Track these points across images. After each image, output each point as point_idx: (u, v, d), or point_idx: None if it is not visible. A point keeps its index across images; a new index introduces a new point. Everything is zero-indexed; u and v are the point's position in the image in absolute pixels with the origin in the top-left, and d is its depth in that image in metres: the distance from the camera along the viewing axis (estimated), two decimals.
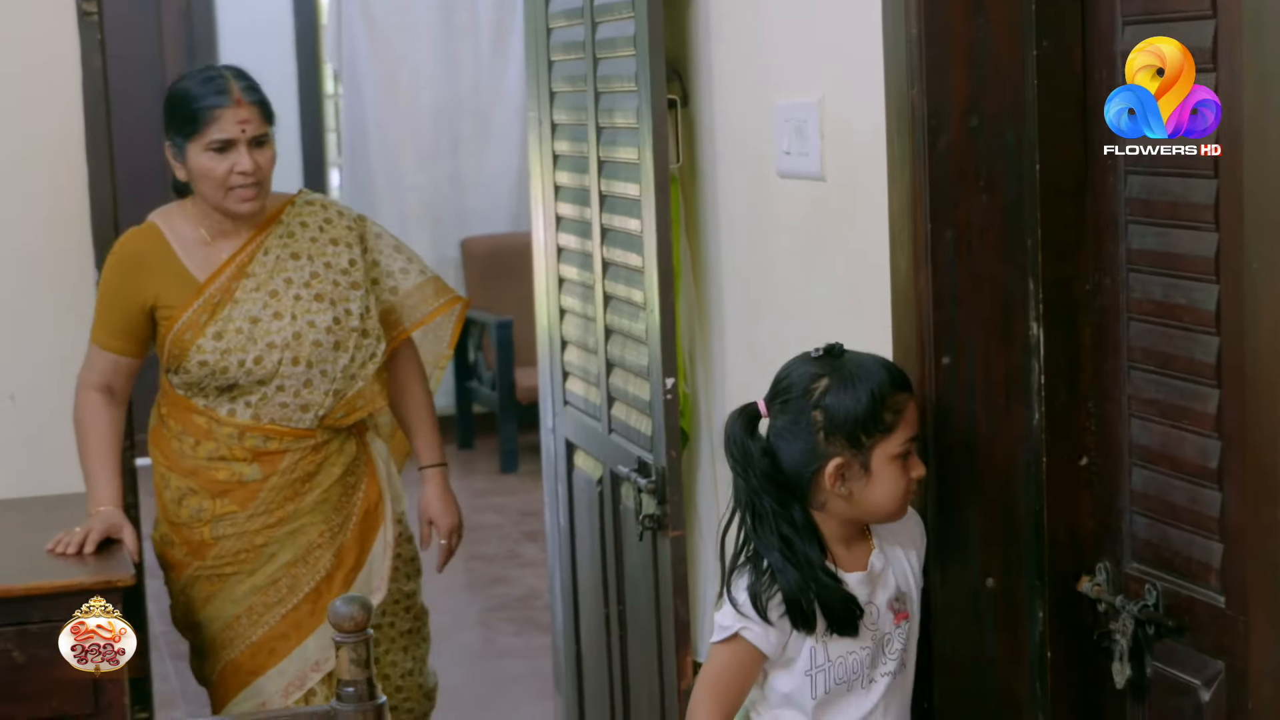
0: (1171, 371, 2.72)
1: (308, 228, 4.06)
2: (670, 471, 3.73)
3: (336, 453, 4.06)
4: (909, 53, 2.92)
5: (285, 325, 3.94)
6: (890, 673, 2.92)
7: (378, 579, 4.11)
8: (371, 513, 4.13)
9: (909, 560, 2.94)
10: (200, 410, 3.97)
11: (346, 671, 2.53)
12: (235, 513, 4.00)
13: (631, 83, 3.77)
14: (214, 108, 3.87)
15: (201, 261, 3.97)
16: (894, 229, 3.01)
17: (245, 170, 3.87)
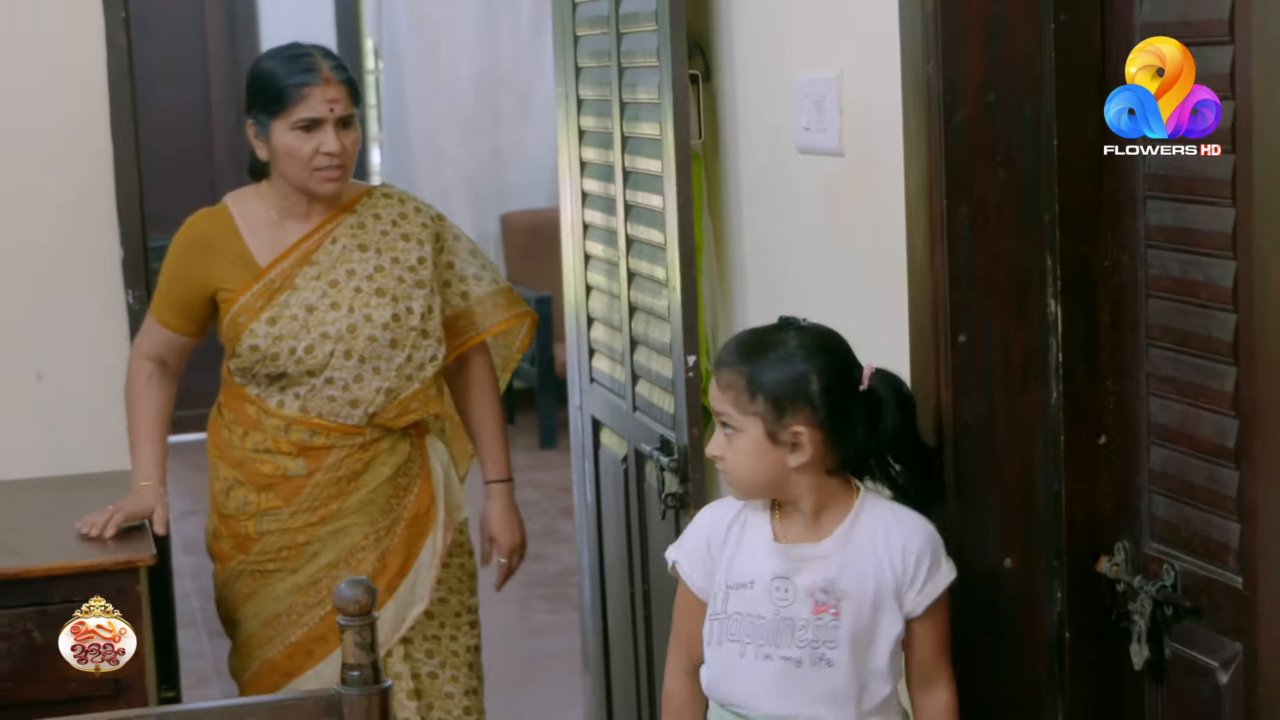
0: (1189, 349, 2.69)
1: (380, 220, 3.94)
2: (692, 449, 3.72)
3: (387, 453, 3.92)
4: (925, 27, 2.89)
5: (341, 317, 3.83)
6: (793, 659, 2.84)
7: (422, 588, 3.96)
8: (421, 518, 3.97)
9: (884, 567, 2.83)
10: (251, 400, 3.88)
11: (351, 655, 2.51)
12: (280, 508, 3.89)
13: (654, 58, 3.75)
14: (302, 85, 3.78)
15: (267, 244, 3.88)
16: (910, 205, 2.98)
17: (332, 151, 3.77)
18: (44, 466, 4.36)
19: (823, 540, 2.86)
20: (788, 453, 2.83)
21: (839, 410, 2.82)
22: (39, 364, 4.37)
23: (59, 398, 4.38)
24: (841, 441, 2.84)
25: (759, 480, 2.86)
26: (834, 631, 2.83)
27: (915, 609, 2.84)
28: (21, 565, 3.64)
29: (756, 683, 2.88)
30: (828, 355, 2.84)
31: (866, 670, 2.84)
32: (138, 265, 4.36)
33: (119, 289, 4.37)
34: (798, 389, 2.81)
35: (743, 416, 2.84)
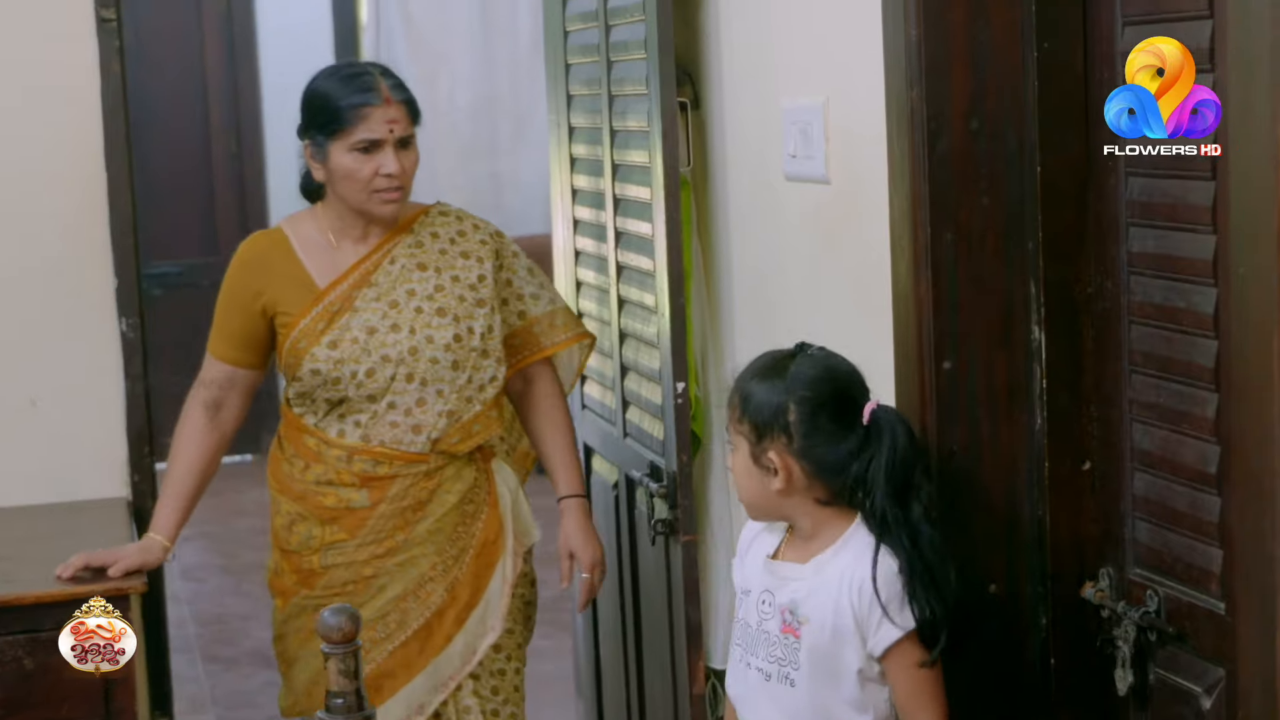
0: (1171, 375, 2.70)
1: (438, 239, 3.79)
2: (681, 476, 3.73)
3: (452, 479, 3.77)
4: (909, 54, 2.90)
5: (402, 339, 3.69)
6: (763, 671, 2.88)
7: (494, 618, 3.80)
8: (490, 546, 3.81)
9: (845, 602, 2.81)
10: (310, 431, 3.74)
11: (335, 683, 2.51)
12: (344, 541, 3.74)
13: (643, 86, 3.76)
14: (361, 106, 3.64)
15: (325, 266, 3.75)
16: (894, 232, 2.99)
17: (391, 172, 3.64)
18: (37, 494, 4.35)
19: (806, 563, 2.87)
20: (769, 476, 2.85)
21: (816, 443, 2.82)
22: (33, 391, 4.36)
23: (53, 425, 4.37)
24: (824, 474, 2.84)
25: (752, 498, 2.91)
26: (795, 653, 2.85)
27: (875, 649, 2.80)
28: (13, 592, 3.63)
29: (744, 688, 2.96)
30: (818, 387, 2.83)
31: (831, 698, 2.83)
32: (131, 293, 4.36)
33: (113, 317, 4.36)
34: (775, 417, 2.83)
35: (735, 435, 2.91)
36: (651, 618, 4.04)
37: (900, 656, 2.80)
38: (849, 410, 2.83)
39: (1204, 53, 2.55)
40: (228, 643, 6.88)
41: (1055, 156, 2.88)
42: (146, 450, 4.40)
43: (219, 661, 6.65)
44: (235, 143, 9.85)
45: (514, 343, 3.85)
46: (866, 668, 2.81)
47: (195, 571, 7.83)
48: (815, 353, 2.90)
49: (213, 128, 9.81)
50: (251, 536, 8.33)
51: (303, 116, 3.75)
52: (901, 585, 2.78)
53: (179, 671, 5.61)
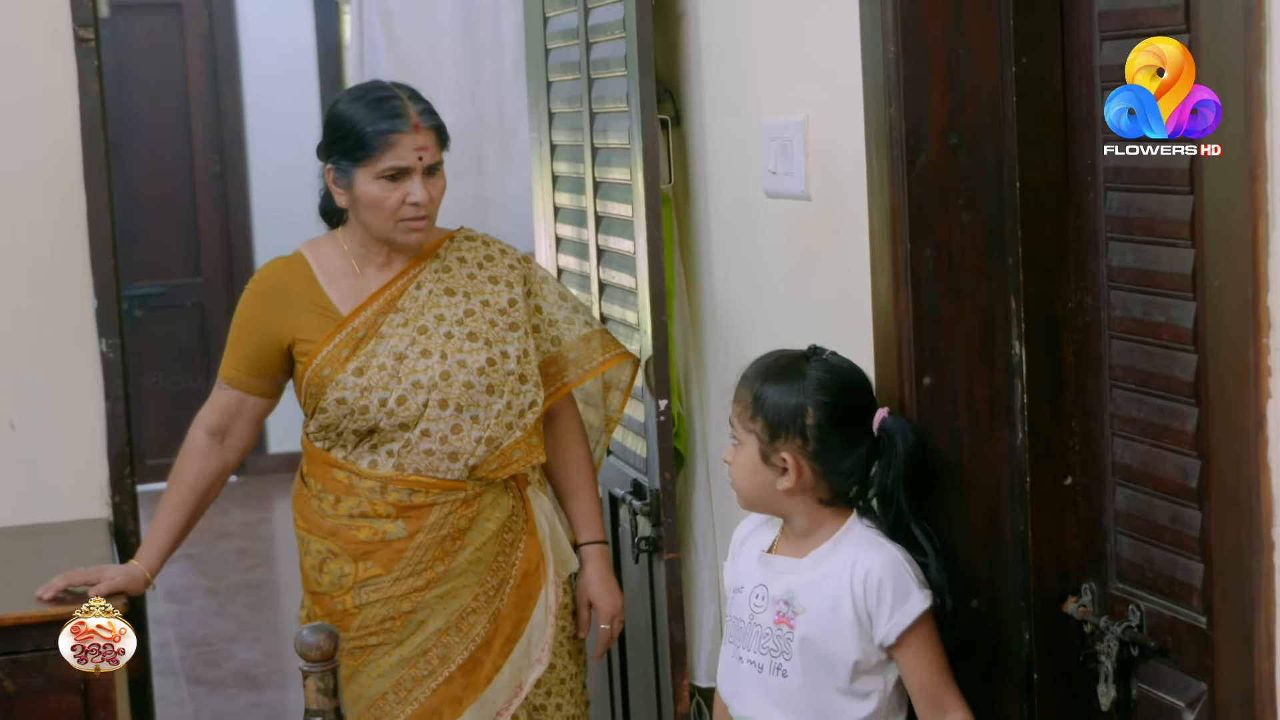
0: (1151, 389, 2.70)
1: (465, 264, 3.67)
2: (665, 494, 3.73)
3: (491, 507, 3.62)
4: (887, 71, 2.90)
5: (433, 364, 3.56)
6: (755, 663, 2.94)
7: (538, 649, 3.65)
8: (532, 575, 3.66)
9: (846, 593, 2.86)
10: (340, 464, 3.60)
11: (314, 701, 2.52)
12: (379, 576, 3.58)
13: (624, 103, 3.77)
14: (389, 133, 3.50)
15: (347, 294, 3.62)
16: (874, 248, 2.99)
17: (419, 201, 3.51)
18: (17, 515, 4.35)
19: (803, 558, 2.93)
20: (778, 475, 2.90)
21: (830, 447, 2.88)
22: (12, 413, 4.35)
23: (33, 446, 4.36)
24: (833, 476, 2.90)
25: (751, 493, 2.96)
26: (788, 643, 2.89)
27: (888, 637, 2.84)
28: None
29: (735, 683, 2.99)
30: (834, 393, 2.90)
31: (825, 688, 2.86)
32: (111, 314, 4.35)
33: (93, 338, 4.35)
34: (792, 419, 2.89)
35: (744, 432, 2.95)
36: (635, 635, 4.04)
37: (917, 639, 2.85)
38: (862, 417, 2.91)
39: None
40: (212, 664, 6.86)
41: (1034, 172, 2.88)
42: (127, 471, 4.39)
43: (203, 684, 6.63)
44: (219, 162, 9.84)
45: (547, 372, 3.71)
46: (864, 659, 2.85)
47: (179, 593, 7.81)
48: (829, 357, 2.95)
49: (195, 147, 9.81)
50: (236, 559, 8.34)
51: (326, 139, 3.62)
52: (911, 570, 2.86)
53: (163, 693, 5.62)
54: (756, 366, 3.00)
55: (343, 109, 3.58)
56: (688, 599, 3.90)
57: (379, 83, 3.65)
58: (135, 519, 4.40)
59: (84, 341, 4.35)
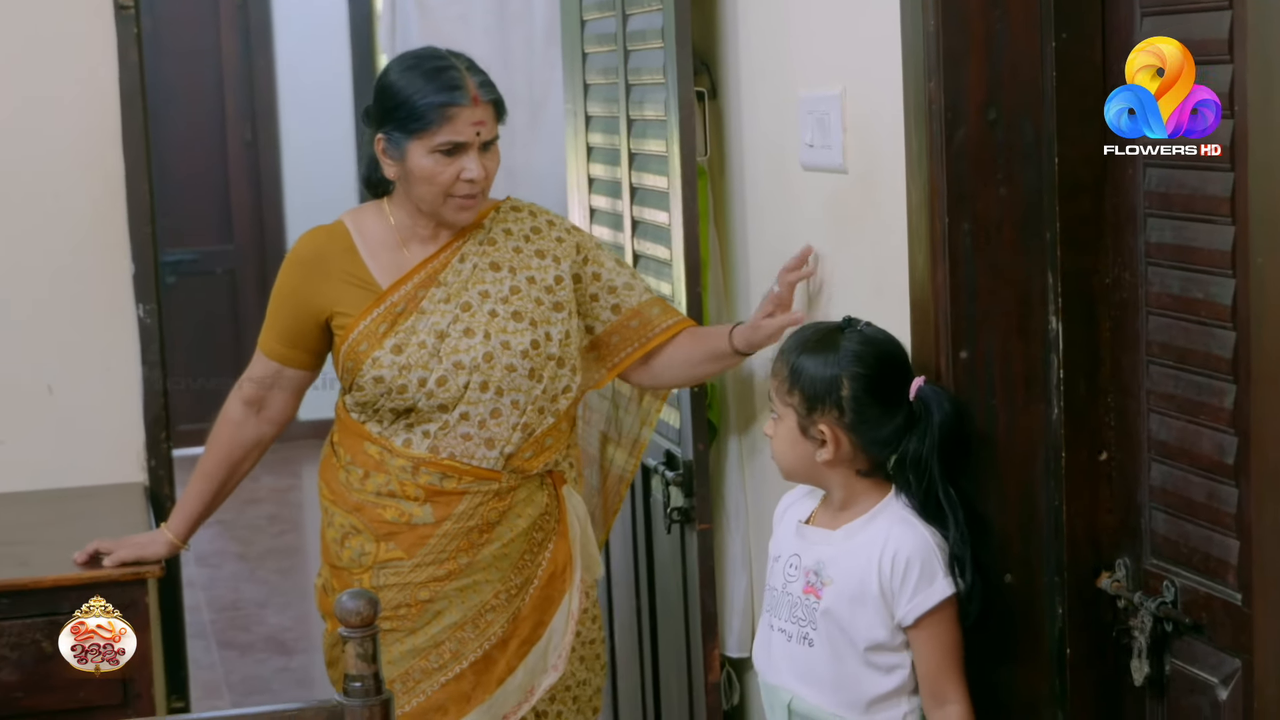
0: (1189, 366, 2.70)
1: (511, 236, 3.55)
2: (698, 465, 3.73)
3: (524, 503, 3.52)
4: (926, 45, 2.90)
5: (476, 344, 3.44)
6: (785, 632, 2.96)
7: (554, 656, 3.56)
8: (557, 577, 3.57)
9: (873, 569, 2.87)
10: (373, 439, 3.50)
11: (353, 666, 2.52)
12: (400, 560, 3.49)
13: (660, 75, 3.76)
14: (447, 105, 3.37)
15: (388, 266, 3.51)
16: (912, 222, 2.99)
17: (474, 178, 3.39)
18: (54, 479, 4.38)
19: (837, 529, 2.95)
20: (817, 447, 2.93)
21: (867, 418, 2.91)
22: (50, 377, 4.38)
23: (69, 411, 4.39)
24: (871, 447, 2.92)
25: (792, 465, 2.99)
26: (814, 613, 2.91)
27: (906, 618, 2.85)
28: (31, 576, 3.65)
29: (767, 651, 3.03)
30: (869, 364, 2.92)
31: (847, 661, 2.89)
32: (149, 280, 4.37)
33: (130, 304, 4.38)
34: (829, 391, 2.91)
35: (782, 405, 2.97)
36: (666, 606, 4.05)
37: (933, 625, 2.86)
38: (899, 387, 2.93)
39: (1223, 44, 2.54)
40: (242, 629, 6.90)
41: (1073, 147, 2.87)
42: (163, 436, 4.42)
43: (234, 648, 6.67)
44: (250, 130, 9.85)
45: (612, 340, 3.62)
46: (888, 639, 2.86)
47: (210, 558, 7.85)
48: (865, 328, 2.98)
49: (228, 115, 9.82)
50: (267, 524, 8.37)
51: (378, 108, 3.48)
52: (941, 556, 2.86)
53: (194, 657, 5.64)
54: (793, 339, 3.02)
55: (397, 78, 3.45)
56: (719, 570, 3.90)
57: (435, 51, 3.49)
58: (171, 483, 4.42)
59: (121, 307, 4.38)
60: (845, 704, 2.90)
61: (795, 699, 2.95)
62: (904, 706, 2.90)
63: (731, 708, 4.01)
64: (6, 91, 4.31)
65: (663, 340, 3.61)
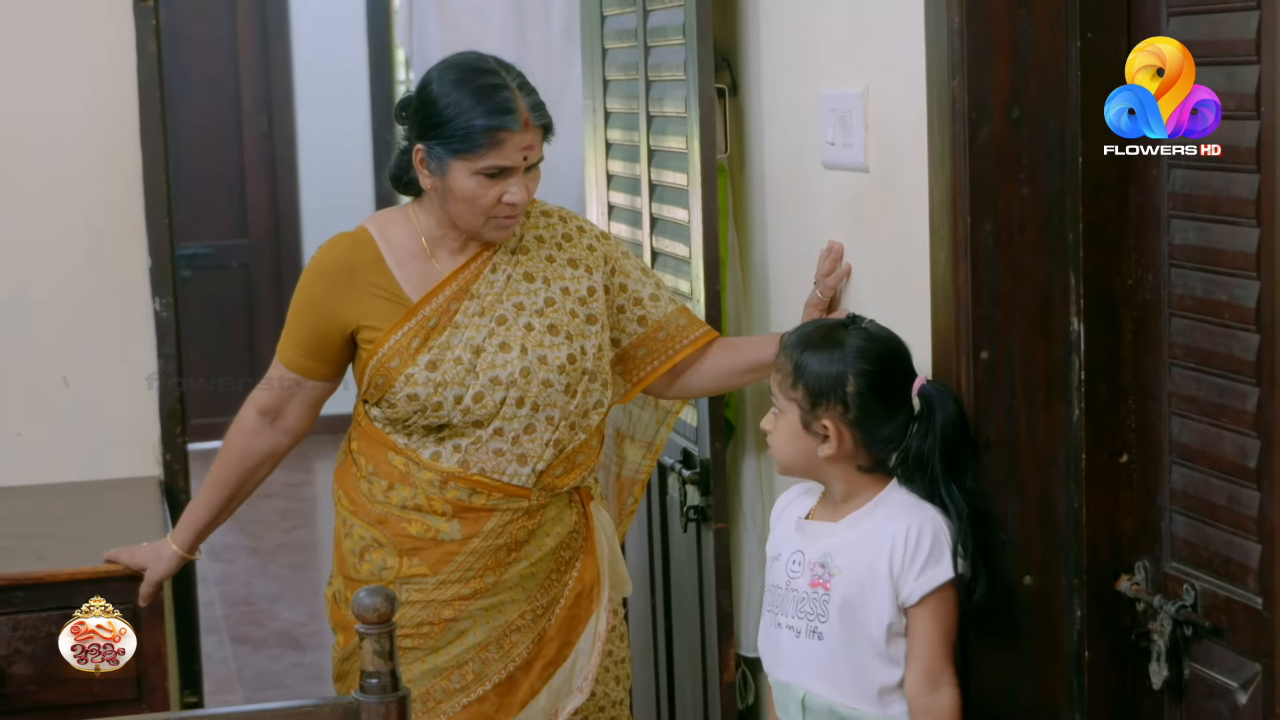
0: (1211, 368, 2.68)
1: (544, 244, 3.44)
2: (714, 463, 3.72)
3: (553, 521, 3.42)
4: (951, 42, 2.88)
5: (513, 359, 3.33)
6: (793, 628, 2.96)
7: (580, 679, 3.47)
8: (585, 597, 3.47)
9: (883, 550, 2.88)
10: (399, 449, 3.38)
11: (370, 663, 2.51)
12: (424, 576, 3.38)
13: (681, 71, 3.75)
14: (498, 129, 3.22)
15: (417, 278, 3.38)
16: (934, 221, 2.98)
17: (516, 201, 3.26)
18: (69, 472, 4.37)
19: (840, 520, 2.96)
20: (818, 442, 2.94)
21: (871, 415, 2.92)
22: (66, 370, 4.37)
23: (86, 403, 4.39)
24: (873, 444, 2.93)
25: (791, 460, 2.99)
26: (824, 606, 2.91)
27: (911, 596, 2.85)
28: (46, 569, 3.65)
29: (775, 650, 3.02)
30: (874, 361, 2.93)
31: (859, 650, 2.89)
32: (165, 273, 4.36)
33: (146, 296, 4.37)
34: (833, 386, 2.92)
35: (784, 400, 2.97)
36: (682, 605, 4.04)
37: (936, 605, 2.87)
38: (902, 385, 2.94)
39: (1250, 44, 2.52)
40: (255, 624, 6.89)
41: (1097, 147, 2.86)
42: (179, 429, 4.41)
43: (247, 643, 6.66)
44: (267, 123, 9.85)
45: (638, 354, 3.53)
46: (896, 621, 2.87)
47: (223, 553, 7.84)
48: (869, 325, 2.99)
49: (244, 107, 9.82)
50: (279, 519, 8.37)
51: (421, 119, 3.31)
52: (947, 538, 2.87)
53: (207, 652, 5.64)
54: (795, 335, 3.02)
55: (445, 91, 3.27)
56: (735, 569, 3.89)
57: (485, 63, 3.33)
58: (186, 477, 4.42)
59: (138, 300, 4.37)
60: (858, 695, 2.90)
61: (809, 694, 2.95)
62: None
63: (746, 707, 4.00)
64: (24, 83, 4.31)
65: (690, 353, 3.53)
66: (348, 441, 3.51)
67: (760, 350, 3.47)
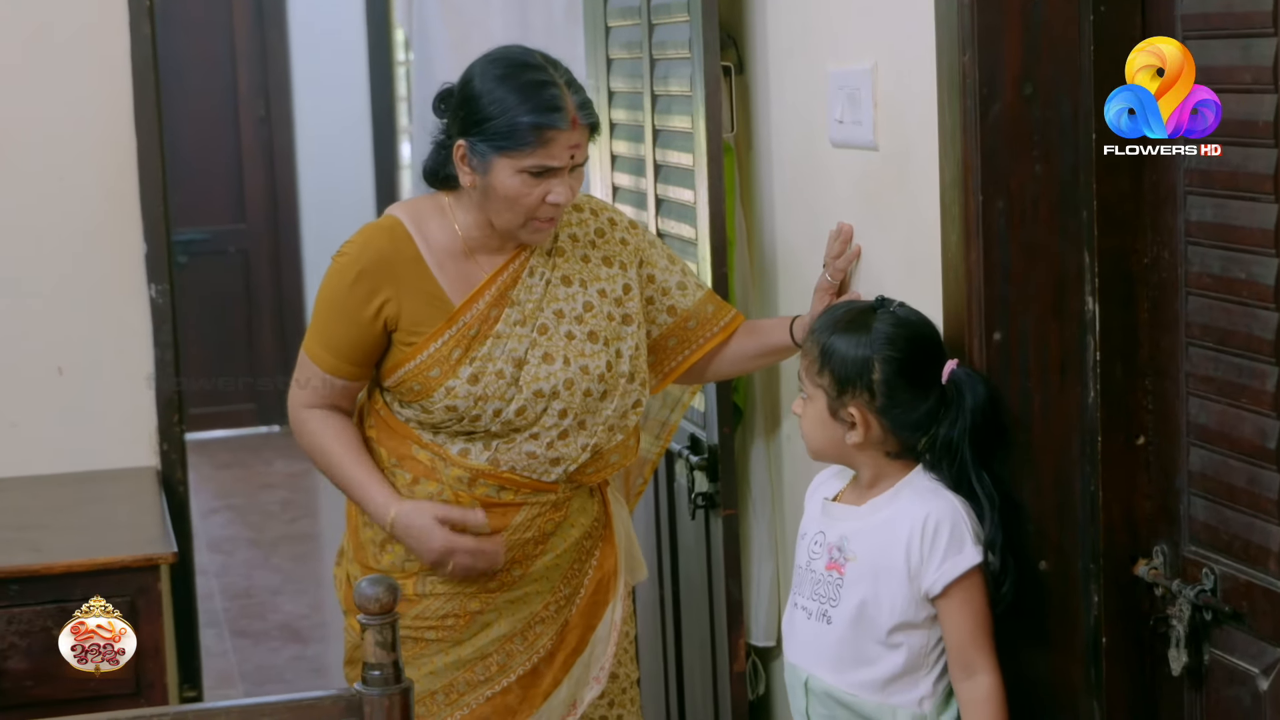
0: (1229, 348, 2.64)
1: (578, 242, 3.36)
2: (723, 449, 3.69)
3: (578, 512, 3.39)
4: (961, 17, 2.84)
5: (556, 371, 3.26)
6: (806, 609, 2.95)
7: (597, 667, 3.44)
8: (604, 585, 3.44)
9: (901, 540, 2.84)
10: (424, 444, 3.30)
11: (372, 654, 2.48)
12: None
13: (686, 49, 3.71)
14: (546, 128, 3.13)
15: (456, 279, 3.27)
16: (945, 200, 2.94)
17: (560, 202, 3.18)
18: (65, 462, 4.35)
19: (862, 505, 2.93)
20: (846, 429, 2.91)
21: (898, 402, 2.88)
22: (61, 359, 4.35)
23: (80, 393, 4.36)
24: (901, 430, 2.89)
25: (821, 446, 2.97)
26: (836, 590, 2.90)
27: (934, 587, 2.82)
28: (43, 561, 3.62)
29: (790, 627, 3.02)
30: (902, 346, 2.89)
31: (864, 637, 2.86)
32: (161, 260, 4.34)
33: (142, 283, 4.35)
34: (860, 373, 2.89)
35: (812, 386, 2.95)
36: (691, 593, 4.00)
37: (962, 593, 2.83)
38: (931, 369, 2.89)
39: (1267, 16, 2.49)
40: (256, 617, 6.86)
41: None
42: (176, 419, 4.38)
43: (247, 636, 6.63)
44: (264, 107, 9.80)
45: (668, 344, 3.47)
46: (912, 614, 2.84)
47: (222, 544, 7.81)
48: (897, 309, 2.95)
49: (241, 92, 9.77)
50: (280, 510, 8.33)
51: (464, 115, 3.21)
52: (969, 524, 2.83)
53: (207, 645, 5.60)
54: (825, 319, 2.98)
55: (491, 87, 3.18)
56: (745, 556, 3.86)
57: (531, 57, 3.23)
58: (183, 467, 4.38)
59: (133, 287, 4.35)
60: (860, 684, 2.87)
61: (811, 677, 2.94)
62: (921, 688, 2.87)
63: (757, 698, 3.97)
64: (16, 68, 4.29)
65: (720, 340, 3.48)
66: (362, 428, 3.40)
67: (774, 335, 3.44)
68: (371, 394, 3.38)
